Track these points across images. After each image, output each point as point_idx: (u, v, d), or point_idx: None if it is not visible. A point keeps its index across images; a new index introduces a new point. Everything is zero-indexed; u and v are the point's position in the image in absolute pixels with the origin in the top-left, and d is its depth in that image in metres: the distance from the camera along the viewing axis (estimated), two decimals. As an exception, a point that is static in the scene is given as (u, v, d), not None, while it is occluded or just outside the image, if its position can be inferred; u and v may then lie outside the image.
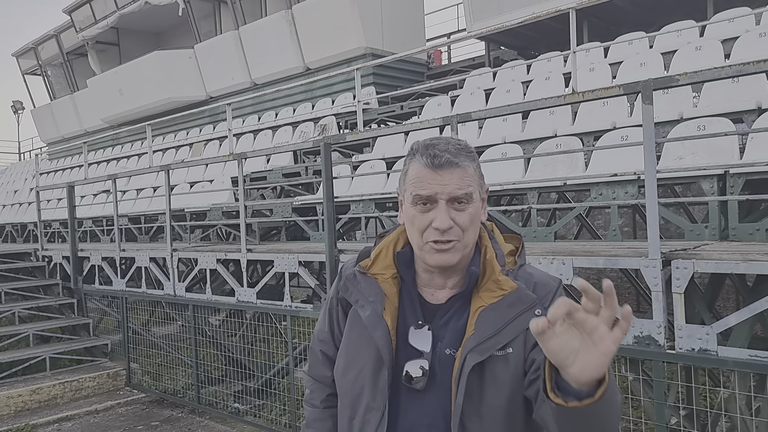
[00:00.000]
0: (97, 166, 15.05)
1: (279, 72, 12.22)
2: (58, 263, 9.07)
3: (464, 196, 1.31)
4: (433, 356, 1.34)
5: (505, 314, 1.31)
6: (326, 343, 1.56)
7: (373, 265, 1.45)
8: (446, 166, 1.30)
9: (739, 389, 3.29)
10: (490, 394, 1.29)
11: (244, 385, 6.41)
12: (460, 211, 1.31)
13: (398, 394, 1.36)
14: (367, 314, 1.39)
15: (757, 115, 4.45)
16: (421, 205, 1.32)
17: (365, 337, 1.39)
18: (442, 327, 1.37)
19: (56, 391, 6.98)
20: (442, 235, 1.30)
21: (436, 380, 1.33)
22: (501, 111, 4.82)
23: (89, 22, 15.69)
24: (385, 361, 1.35)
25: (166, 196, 6.87)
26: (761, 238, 3.77)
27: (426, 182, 1.31)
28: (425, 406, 1.33)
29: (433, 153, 1.31)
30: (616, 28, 8.75)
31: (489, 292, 1.34)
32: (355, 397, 1.40)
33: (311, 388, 1.62)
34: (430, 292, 1.41)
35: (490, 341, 1.29)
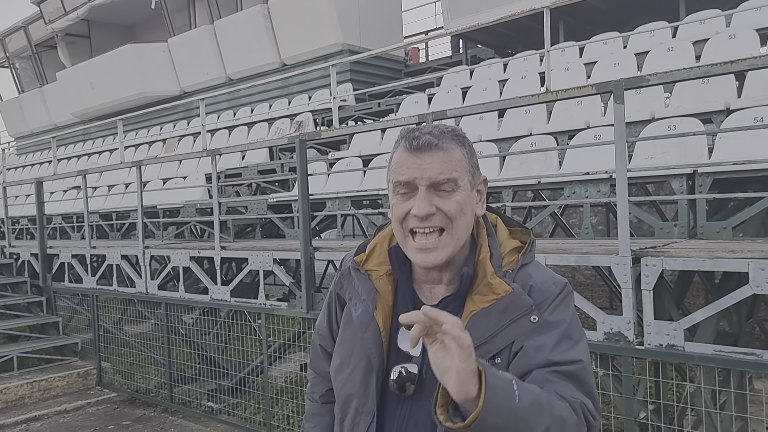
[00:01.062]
0: (67, 162, 14.75)
1: (255, 67, 12.11)
2: (26, 260, 8.88)
3: (446, 181, 1.20)
4: (423, 361, 1.23)
5: (497, 321, 1.21)
6: (325, 338, 1.50)
7: (367, 260, 1.37)
8: (425, 149, 1.20)
9: (705, 384, 3.36)
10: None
11: (218, 384, 6.36)
12: (444, 198, 1.20)
13: (387, 398, 1.28)
14: (358, 313, 1.32)
15: (725, 116, 4.54)
16: (401, 194, 1.23)
17: (358, 337, 1.32)
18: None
19: (24, 390, 6.84)
20: (423, 222, 1.19)
21: (425, 387, 1.23)
22: (477, 109, 4.85)
23: (59, 13, 15.34)
24: (374, 365, 1.28)
25: (138, 192, 6.77)
26: (728, 236, 3.85)
27: (405, 167, 1.22)
28: (414, 414, 1.25)
29: (412, 136, 1.22)
30: (591, 28, 8.86)
31: (481, 296, 1.24)
32: (346, 398, 1.33)
33: (312, 382, 1.59)
34: (427, 288, 1.32)
35: (478, 350, 1.16)
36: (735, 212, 4.13)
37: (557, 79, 6.65)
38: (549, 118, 6.28)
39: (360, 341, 1.31)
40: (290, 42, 11.51)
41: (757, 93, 4.81)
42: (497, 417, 1.00)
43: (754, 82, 5.00)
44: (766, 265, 2.91)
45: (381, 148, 6.82)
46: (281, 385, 6.05)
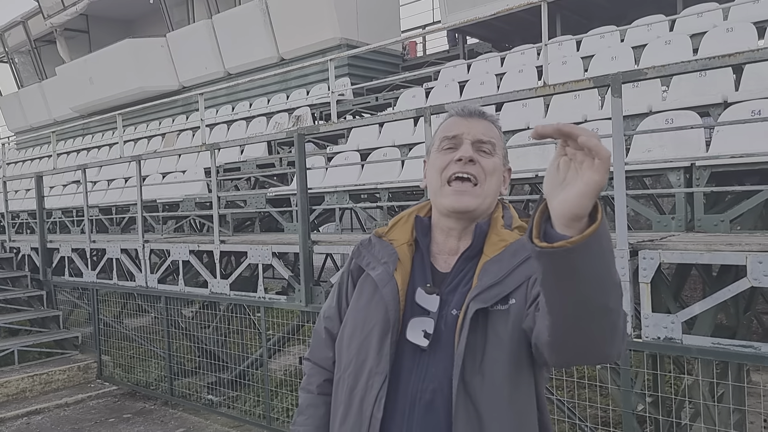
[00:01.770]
0: (66, 156, 14.75)
1: (253, 62, 12.09)
2: (26, 255, 8.90)
3: (489, 142, 1.36)
4: (440, 318, 1.31)
5: (508, 263, 1.29)
6: (332, 319, 1.53)
7: (390, 231, 1.46)
8: (475, 115, 1.39)
9: (703, 376, 3.38)
10: (492, 350, 1.25)
11: (218, 377, 6.39)
12: (483, 157, 1.35)
13: (402, 357, 1.32)
14: (377, 272, 1.38)
15: (722, 109, 4.55)
16: (446, 149, 1.37)
17: (375, 299, 1.37)
18: (450, 292, 1.35)
19: (25, 384, 6.86)
20: (463, 167, 1.32)
21: (441, 342, 1.30)
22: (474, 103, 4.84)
23: (58, 8, 15.29)
24: (391, 321, 1.32)
25: (138, 186, 6.77)
26: (725, 230, 3.86)
27: (455, 125, 1.38)
28: (430, 370, 1.29)
29: (463, 106, 1.41)
30: (589, 21, 8.85)
31: (493, 246, 1.34)
32: (360, 364, 1.35)
33: (309, 373, 1.57)
34: (443, 259, 1.40)
35: (492, 289, 1.26)
36: (732, 205, 4.14)
37: (554, 72, 6.65)
38: (546, 111, 6.28)
39: (377, 303, 1.36)
40: (288, 36, 11.50)
41: (755, 86, 4.81)
42: (605, 234, 0.95)
43: (751, 75, 5.00)
44: (763, 258, 2.92)
45: (379, 142, 6.83)
46: (280, 378, 6.08)
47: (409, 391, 1.29)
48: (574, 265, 0.95)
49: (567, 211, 0.93)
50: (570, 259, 0.94)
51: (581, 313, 1.01)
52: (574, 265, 0.95)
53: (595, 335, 1.04)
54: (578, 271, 0.95)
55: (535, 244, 0.97)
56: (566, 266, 0.95)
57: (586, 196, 0.92)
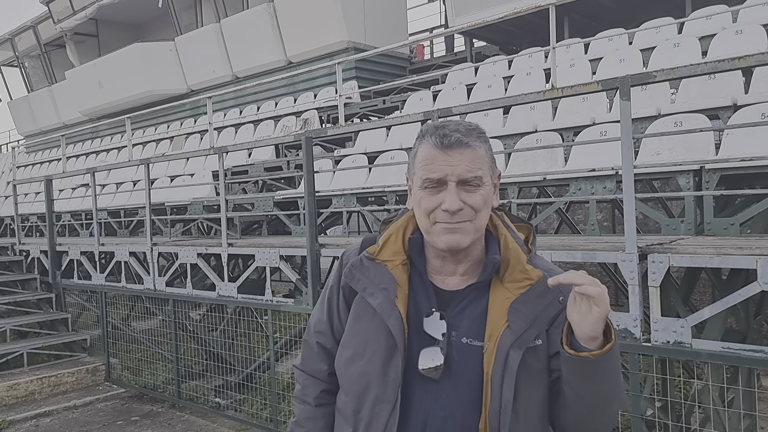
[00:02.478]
0: (75, 160, 14.83)
1: (261, 65, 12.14)
2: (35, 258, 8.95)
3: (474, 179, 1.27)
4: (449, 345, 1.29)
5: (535, 305, 1.29)
6: (324, 335, 1.49)
7: (381, 251, 1.39)
8: (456, 146, 1.27)
9: (713, 381, 3.35)
10: (526, 389, 1.27)
11: (225, 380, 6.40)
12: (471, 193, 1.28)
13: (411, 384, 1.30)
14: (378, 301, 1.33)
15: (732, 112, 4.52)
16: (430, 189, 1.29)
17: (374, 325, 1.33)
18: (456, 315, 1.32)
19: (34, 386, 6.90)
20: (452, 218, 1.26)
21: (452, 370, 1.29)
22: (482, 106, 4.84)
23: (67, 13, 15.41)
24: (398, 350, 1.30)
25: (146, 189, 6.80)
26: (735, 233, 3.83)
27: (435, 164, 1.27)
28: (441, 398, 1.29)
29: (442, 133, 1.28)
30: (597, 24, 8.82)
31: (515, 282, 1.31)
32: (362, 389, 1.34)
33: (303, 384, 1.53)
34: (440, 279, 1.37)
35: (527, 333, 1.27)
36: (742, 208, 4.11)
37: (562, 75, 6.63)
38: (554, 114, 6.26)
39: (377, 329, 1.32)
40: (296, 40, 11.53)
41: (765, 89, 4.78)
42: (616, 352, 1.23)
43: (761, 78, 4.97)
44: (773, 261, 2.90)
45: (386, 145, 6.83)
46: (288, 381, 6.08)
47: (419, 419, 1.29)
48: (596, 370, 1.21)
49: (585, 334, 1.19)
50: (592, 366, 1.20)
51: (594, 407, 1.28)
52: (594, 370, 1.21)
53: (602, 423, 1.32)
54: (597, 375, 1.22)
55: (566, 351, 1.21)
56: (589, 371, 1.21)
57: (596, 325, 1.18)
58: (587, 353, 1.19)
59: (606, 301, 1.17)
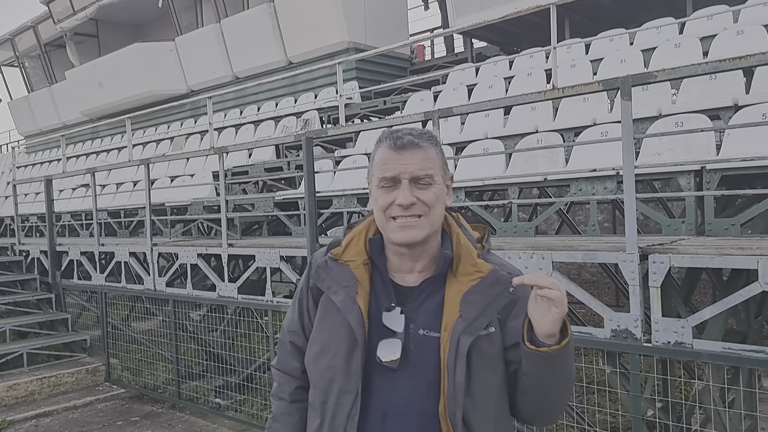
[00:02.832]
0: (75, 160, 14.83)
1: (261, 66, 12.13)
2: (35, 258, 8.95)
3: (426, 176, 1.39)
4: (407, 337, 1.39)
5: (486, 295, 1.40)
6: (296, 333, 1.58)
7: (344, 252, 1.50)
8: (408, 147, 1.39)
9: (713, 381, 3.35)
10: (481, 373, 1.38)
11: (226, 380, 6.39)
12: (423, 190, 1.39)
13: (371, 375, 1.40)
14: (340, 299, 1.44)
15: (733, 112, 4.51)
16: (386, 187, 1.40)
17: (338, 322, 1.43)
18: (414, 309, 1.43)
19: (34, 386, 6.89)
20: (406, 211, 1.37)
21: (410, 360, 1.39)
22: (483, 106, 4.83)
23: (67, 13, 15.41)
24: (358, 343, 1.39)
25: (146, 190, 6.80)
26: (736, 233, 3.83)
27: (390, 163, 1.39)
28: (400, 386, 1.38)
29: (396, 136, 1.41)
30: (598, 24, 8.82)
31: (467, 276, 1.42)
32: (328, 382, 1.43)
33: (279, 381, 1.63)
34: (399, 276, 1.47)
35: (477, 321, 1.38)
36: (743, 209, 4.10)
37: (563, 76, 6.62)
38: (555, 115, 6.26)
39: (340, 325, 1.43)
40: (296, 40, 11.53)
41: (766, 89, 4.77)
42: (570, 348, 1.34)
43: (762, 78, 4.96)
44: (774, 261, 2.89)
45: (387, 146, 6.81)
46: (288, 382, 6.06)
47: (380, 407, 1.39)
48: (553, 364, 1.33)
49: (543, 332, 1.30)
50: (550, 359, 1.32)
51: (549, 396, 1.41)
52: (553, 363, 1.33)
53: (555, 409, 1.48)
54: (553, 367, 1.34)
55: (527, 346, 1.33)
56: (547, 364, 1.33)
57: (554, 324, 1.29)
58: (546, 348, 1.30)
59: (564, 303, 1.27)
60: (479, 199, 5.81)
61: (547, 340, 1.31)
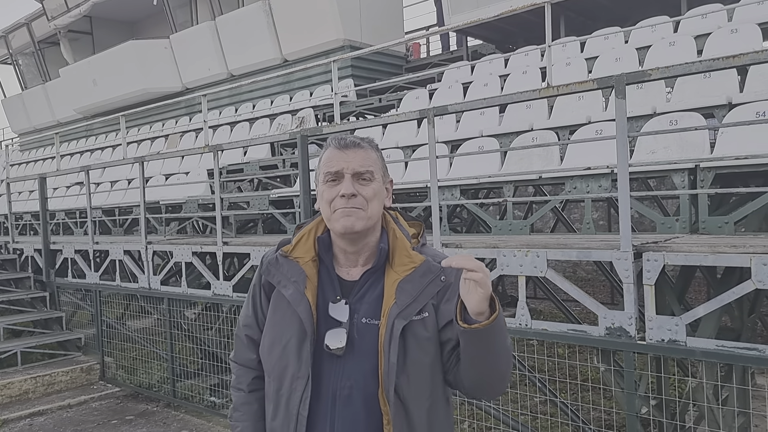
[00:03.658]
0: (70, 158, 14.78)
1: (256, 63, 12.10)
2: (29, 256, 8.91)
3: (366, 173, 1.54)
4: (351, 326, 1.53)
5: (418, 283, 1.53)
6: (251, 327, 1.70)
7: (294, 249, 1.62)
8: (351, 147, 1.55)
9: (707, 379, 3.36)
10: (415, 354, 1.51)
11: (221, 379, 6.38)
12: (363, 186, 1.53)
13: (320, 361, 1.53)
14: (290, 293, 1.56)
15: (727, 110, 4.53)
16: (330, 182, 1.54)
17: (289, 314, 1.56)
18: (358, 300, 1.56)
19: (28, 385, 6.87)
20: (348, 202, 1.50)
21: (354, 347, 1.52)
22: (478, 104, 4.83)
23: (61, 10, 15.33)
24: (308, 333, 1.52)
25: (141, 188, 6.78)
26: (729, 231, 3.84)
27: (334, 161, 1.55)
28: (346, 371, 1.51)
29: (339, 137, 1.58)
30: (593, 22, 8.83)
31: (402, 266, 1.55)
32: (282, 370, 1.55)
33: (237, 373, 1.74)
34: (345, 271, 1.60)
35: (410, 307, 1.51)
36: (737, 207, 4.12)
37: (558, 74, 6.64)
38: (550, 113, 6.27)
39: (291, 317, 1.55)
40: (291, 38, 11.50)
41: (759, 87, 4.79)
42: (500, 323, 1.43)
43: (756, 77, 4.98)
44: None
45: (382, 144, 6.81)
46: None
47: (330, 390, 1.51)
48: (486, 338, 1.42)
49: (472, 310, 1.39)
50: (482, 335, 1.40)
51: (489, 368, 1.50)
52: (485, 338, 1.42)
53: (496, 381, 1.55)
54: (486, 342, 1.43)
55: (460, 325, 1.41)
56: (480, 339, 1.42)
57: (481, 302, 1.37)
58: (476, 325, 1.39)
59: (487, 284, 1.36)
60: (474, 197, 5.81)
61: (478, 317, 1.39)
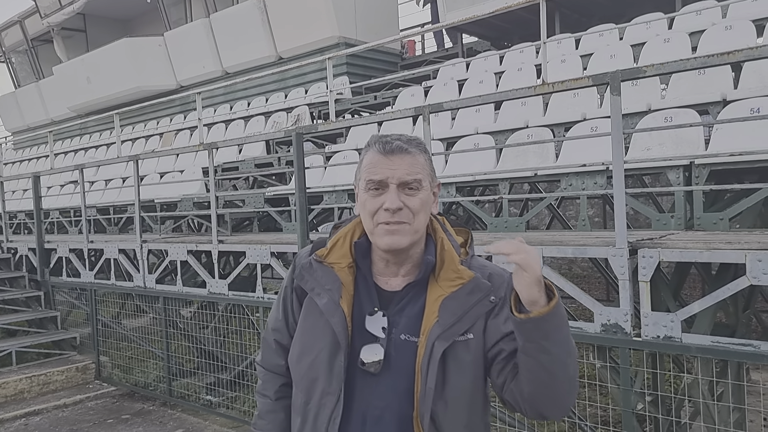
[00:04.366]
0: (64, 156, 14.72)
1: (251, 61, 12.07)
2: (24, 255, 8.87)
3: (414, 182, 1.39)
4: (388, 342, 1.40)
5: (465, 302, 1.39)
6: (280, 332, 1.59)
7: (329, 254, 1.49)
8: (397, 152, 1.39)
9: (703, 375, 3.37)
10: (455, 378, 1.37)
11: (217, 377, 6.37)
12: (410, 196, 1.39)
13: (353, 378, 1.40)
14: (324, 302, 1.43)
15: (722, 107, 4.54)
16: (373, 190, 1.40)
17: (321, 324, 1.44)
18: (397, 313, 1.43)
19: (23, 385, 6.84)
20: (393, 216, 1.37)
21: (390, 364, 1.39)
22: (473, 101, 4.83)
23: (55, 7, 15.25)
24: (341, 346, 1.40)
25: (135, 186, 6.75)
26: (724, 228, 3.85)
27: (378, 167, 1.39)
28: (380, 390, 1.39)
29: (385, 140, 1.41)
30: (587, 19, 8.83)
31: (448, 281, 1.41)
32: (311, 383, 1.44)
33: (264, 379, 1.64)
34: (384, 280, 1.47)
35: (453, 328, 1.37)
36: (731, 203, 4.13)
37: (554, 71, 6.64)
38: (545, 110, 6.27)
39: (324, 327, 1.43)
40: (286, 35, 11.47)
41: (754, 84, 4.80)
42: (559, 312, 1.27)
43: (750, 73, 4.99)
44: (763, 256, 2.92)
45: (378, 142, 6.80)
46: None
47: (360, 409, 1.40)
48: (544, 330, 1.27)
49: (524, 299, 1.27)
50: (539, 325, 1.26)
51: (553, 369, 1.31)
52: (543, 330, 1.27)
53: (561, 386, 1.35)
54: (547, 335, 1.27)
55: (515, 316, 1.28)
56: (537, 331, 1.27)
57: (530, 287, 1.25)
58: (529, 314, 1.26)
59: (531, 264, 1.23)
60: (470, 195, 5.81)
61: (531, 308, 1.27)
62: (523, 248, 1.24)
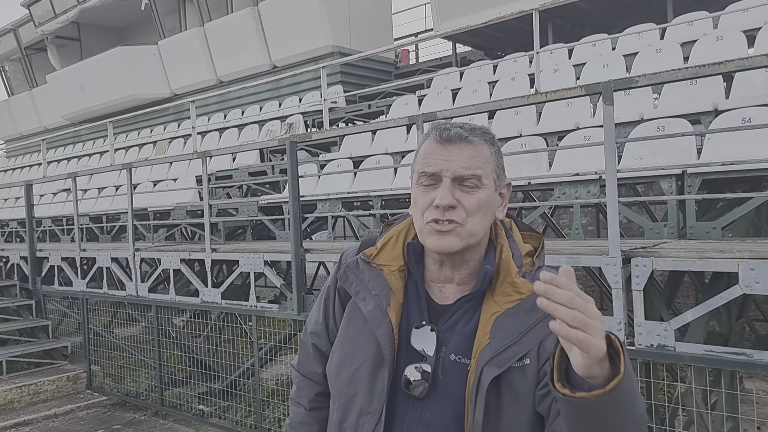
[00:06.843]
0: (57, 164, 14.65)
1: (245, 69, 12.08)
2: (15, 264, 8.81)
3: (471, 177, 1.18)
4: (437, 361, 1.21)
5: (523, 321, 1.17)
6: (319, 336, 1.43)
7: (379, 254, 1.32)
8: (455, 141, 1.20)
9: (696, 384, 3.37)
10: (510, 409, 1.16)
11: (209, 387, 6.33)
12: (466, 194, 1.19)
13: (395, 399, 1.23)
14: (369, 308, 1.27)
15: (713, 117, 4.57)
16: (426, 185, 1.21)
17: (365, 333, 1.27)
18: (448, 330, 1.24)
19: (13, 395, 6.77)
20: (443, 214, 1.18)
21: (438, 388, 1.21)
22: (466, 111, 4.84)
23: (49, 16, 15.23)
24: (386, 362, 1.22)
25: (129, 195, 6.72)
26: (717, 236, 3.87)
27: (432, 158, 1.21)
28: (425, 416, 1.21)
29: (442, 128, 1.22)
30: (580, 29, 8.89)
31: (505, 296, 1.21)
32: (349, 399, 1.28)
33: (299, 386, 1.48)
34: (437, 287, 1.29)
35: (508, 351, 1.16)
36: (724, 212, 4.15)
37: (546, 80, 6.68)
38: (539, 119, 6.30)
39: (367, 338, 1.26)
40: (281, 44, 11.50)
41: (745, 94, 4.84)
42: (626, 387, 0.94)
43: (741, 83, 5.03)
44: (755, 265, 2.92)
45: (371, 150, 6.81)
46: (272, 388, 6.03)
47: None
48: (599, 414, 0.95)
49: (580, 371, 0.94)
50: (594, 407, 0.94)
51: None
52: (599, 414, 0.95)
53: None
54: (603, 417, 0.96)
55: (558, 389, 0.97)
56: (591, 413, 0.96)
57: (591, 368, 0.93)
58: (585, 394, 0.94)
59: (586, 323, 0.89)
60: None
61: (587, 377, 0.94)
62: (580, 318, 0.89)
